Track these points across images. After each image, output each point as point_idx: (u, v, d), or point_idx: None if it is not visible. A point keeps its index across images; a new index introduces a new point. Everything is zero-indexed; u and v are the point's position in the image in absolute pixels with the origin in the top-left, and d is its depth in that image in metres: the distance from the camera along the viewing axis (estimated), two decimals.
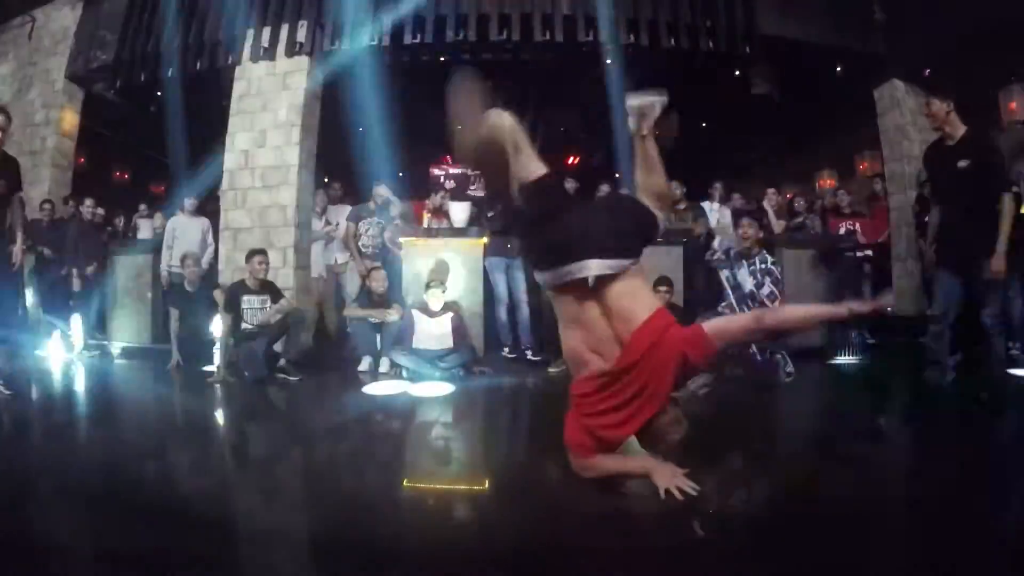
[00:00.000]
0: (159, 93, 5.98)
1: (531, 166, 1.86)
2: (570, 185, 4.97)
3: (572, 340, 1.88)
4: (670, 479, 1.73)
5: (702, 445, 1.98)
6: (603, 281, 1.80)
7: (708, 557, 1.46)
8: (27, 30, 6.58)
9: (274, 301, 4.45)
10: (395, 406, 3.47)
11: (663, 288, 4.45)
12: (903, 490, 2.04)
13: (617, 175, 6.90)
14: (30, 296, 5.85)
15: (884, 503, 1.84)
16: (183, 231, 5.61)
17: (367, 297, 4.64)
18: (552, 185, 1.90)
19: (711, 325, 1.81)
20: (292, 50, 5.49)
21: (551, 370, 4.48)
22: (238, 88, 5.58)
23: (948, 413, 2.85)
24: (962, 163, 2.85)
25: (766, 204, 5.83)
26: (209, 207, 5.85)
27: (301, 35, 5.50)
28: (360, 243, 5.30)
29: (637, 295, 1.84)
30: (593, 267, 1.77)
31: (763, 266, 3.85)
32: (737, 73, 6.58)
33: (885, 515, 1.73)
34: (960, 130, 2.92)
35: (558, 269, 1.83)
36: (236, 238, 5.40)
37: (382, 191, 5.41)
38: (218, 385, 3.98)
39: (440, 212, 5.54)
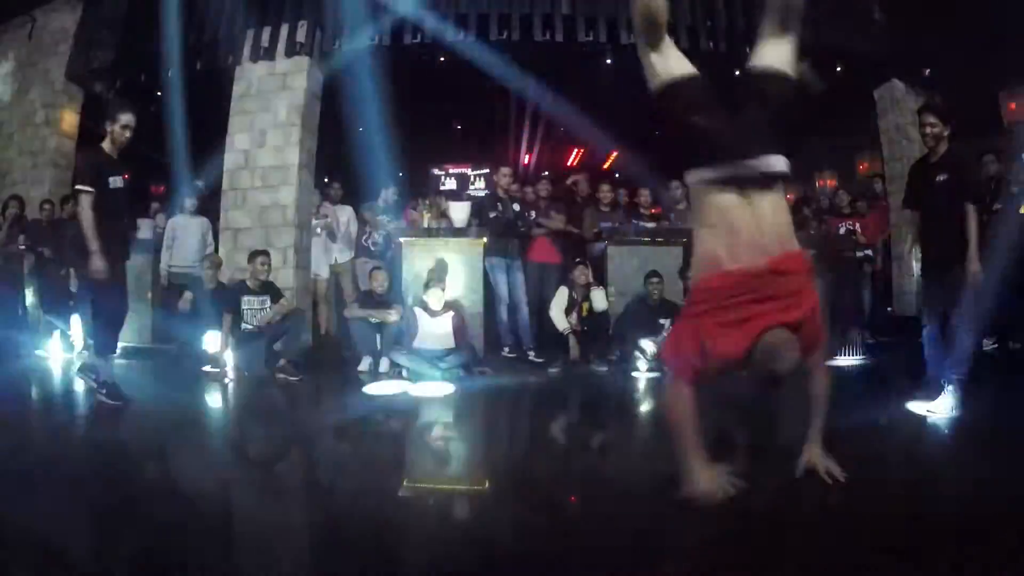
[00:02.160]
0: (159, 93, 5.97)
1: (682, 64, 1.85)
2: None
3: (711, 242, 1.81)
4: (708, 486, 1.69)
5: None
6: (762, 185, 1.76)
7: (708, 557, 1.46)
8: (27, 30, 6.57)
9: (274, 301, 4.45)
10: (395, 406, 3.47)
11: (655, 280, 4.52)
12: (903, 490, 2.04)
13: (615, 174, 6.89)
14: (30, 296, 5.85)
15: (883, 503, 1.84)
16: (183, 231, 5.62)
17: (367, 297, 4.65)
18: (703, 85, 1.87)
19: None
20: (292, 50, 5.49)
21: (551, 370, 4.48)
22: (238, 88, 5.58)
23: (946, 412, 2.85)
24: (940, 177, 3.10)
25: None
26: (209, 207, 5.85)
27: (301, 35, 5.49)
28: (371, 241, 5.40)
29: (787, 213, 1.84)
30: (774, 163, 1.74)
31: None
32: (737, 73, 6.59)
33: (885, 515, 1.73)
34: (944, 148, 3.15)
35: (723, 164, 1.76)
36: (236, 238, 5.40)
37: (390, 194, 5.61)
38: (218, 385, 3.97)
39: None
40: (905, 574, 1.37)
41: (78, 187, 3.20)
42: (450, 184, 9.98)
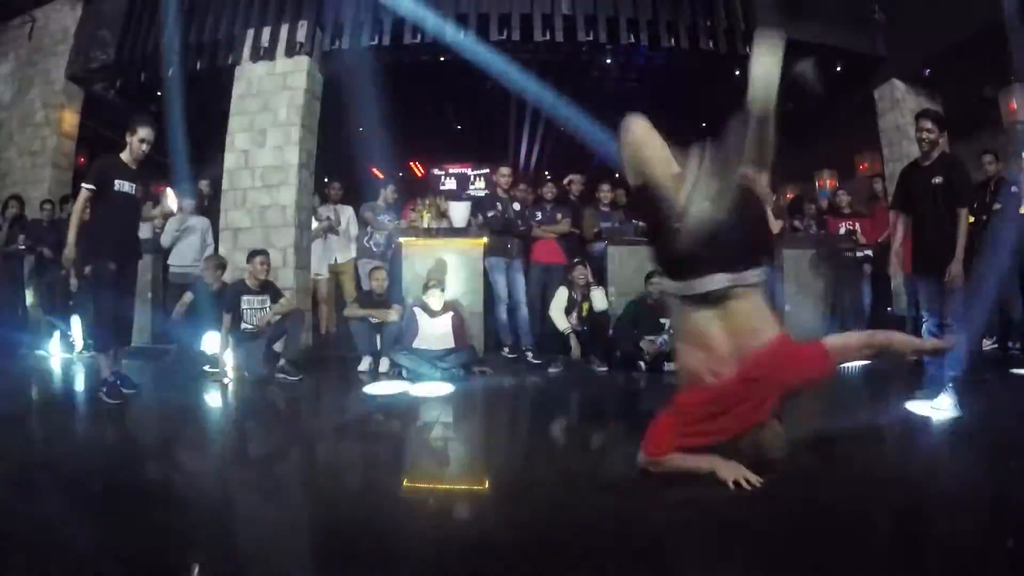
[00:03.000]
0: (159, 93, 5.98)
1: (669, 168, 1.89)
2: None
3: (692, 360, 1.90)
4: (735, 472, 1.78)
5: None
6: (728, 296, 1.82)
7: (708, 557, 1.46)
8: (27, 30, 6.58)
9: (274, 301, 4.44)
10: (395, 406, 3.47)
11: (655, 280, 4.54)
12: (902, 490, 2.03)
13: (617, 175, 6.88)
14: (30, 296, 5.85)
15: (883, 503, 1.84)
16: (183, 231, 5.61)
17: (367, 297, 4.64)
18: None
19: (830, 343, 1.89)
20: (292, 50, 5.50)
21: (551, 370, 4.48)
22: (238, 88, 5.58)
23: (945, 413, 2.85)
24: (936, 180, 3.18)
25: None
26: (210, 207, 5.85)
27: (301, 35, 5.50)
28: (373, 241, 5.43)
29: (760, 312, 1.87)
30: (722, 280, 1.80)
31: None
32: (737, 73, 6.59)
33: (885, 515, 1.73)
34: (937, 153, 3.23)
35: (687, 281, 1.86)
36: (236, 238, 5.40)
37: (390, 193, 5.60)
38: (218, 385, 3.97)
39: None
40: (904, 574, 1.37)
41: (82, 184, 3.35)
42: (450, 184, 9.99)
